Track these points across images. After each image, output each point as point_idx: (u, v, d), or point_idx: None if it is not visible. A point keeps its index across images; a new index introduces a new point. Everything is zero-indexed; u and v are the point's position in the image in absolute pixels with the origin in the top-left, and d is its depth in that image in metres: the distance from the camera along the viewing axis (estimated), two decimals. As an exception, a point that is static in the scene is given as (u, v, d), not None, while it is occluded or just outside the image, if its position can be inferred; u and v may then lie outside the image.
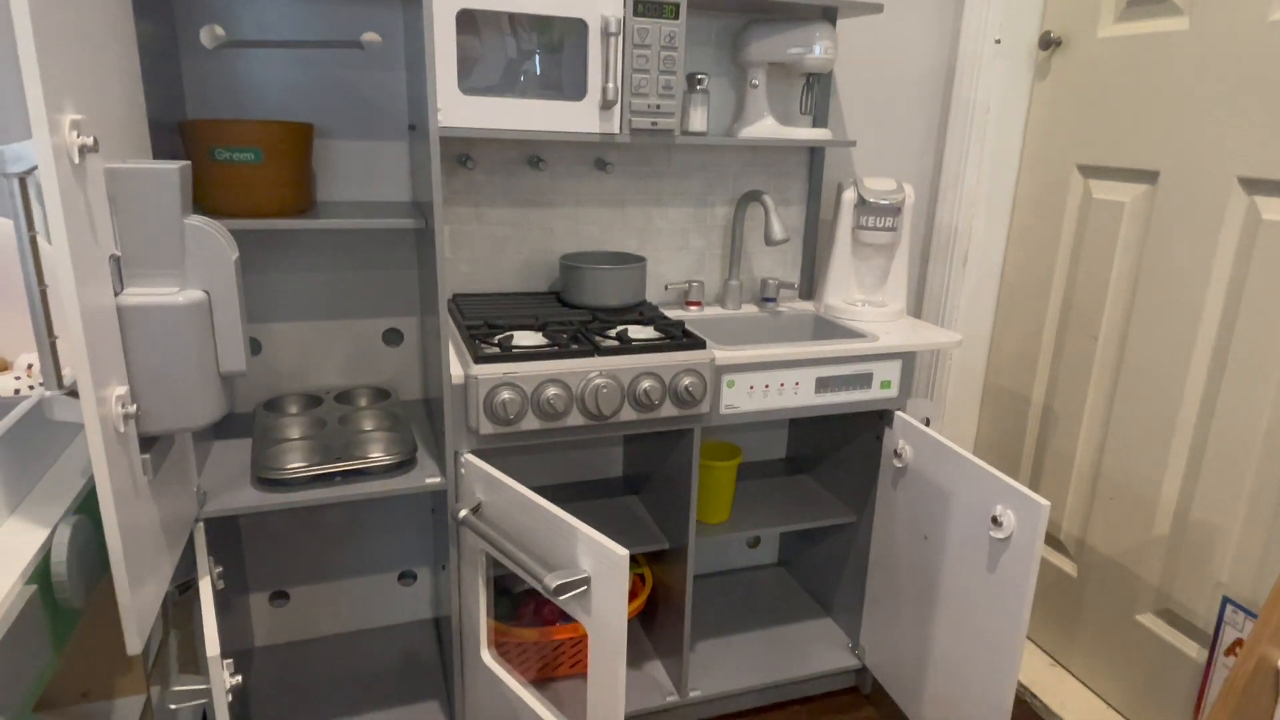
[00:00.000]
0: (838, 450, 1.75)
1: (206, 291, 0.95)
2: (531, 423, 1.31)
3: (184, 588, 1.35)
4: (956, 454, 1.37)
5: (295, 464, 1.29)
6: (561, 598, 1.09)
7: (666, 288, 1.79)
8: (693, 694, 1.60)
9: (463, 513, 1.27)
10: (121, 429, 0.86)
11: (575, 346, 1.33)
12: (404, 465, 1.34)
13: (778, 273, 1.86)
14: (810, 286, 1.87)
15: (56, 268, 0.76)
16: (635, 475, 1.76)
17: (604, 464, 1.83)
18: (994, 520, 1.27)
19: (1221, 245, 1.41)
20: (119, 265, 0.90)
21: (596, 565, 1.08)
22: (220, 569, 1.21)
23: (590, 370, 1.31)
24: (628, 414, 1.36)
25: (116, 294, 0.89)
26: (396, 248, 1.57)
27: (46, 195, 0.73)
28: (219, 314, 0.97)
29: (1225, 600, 1.43)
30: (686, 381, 1.36)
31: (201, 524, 1.19)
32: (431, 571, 1.80)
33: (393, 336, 1.62)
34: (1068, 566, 1.79)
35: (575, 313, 1.54)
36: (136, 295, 0.90)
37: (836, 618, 1.84)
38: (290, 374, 1.58)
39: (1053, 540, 1.82)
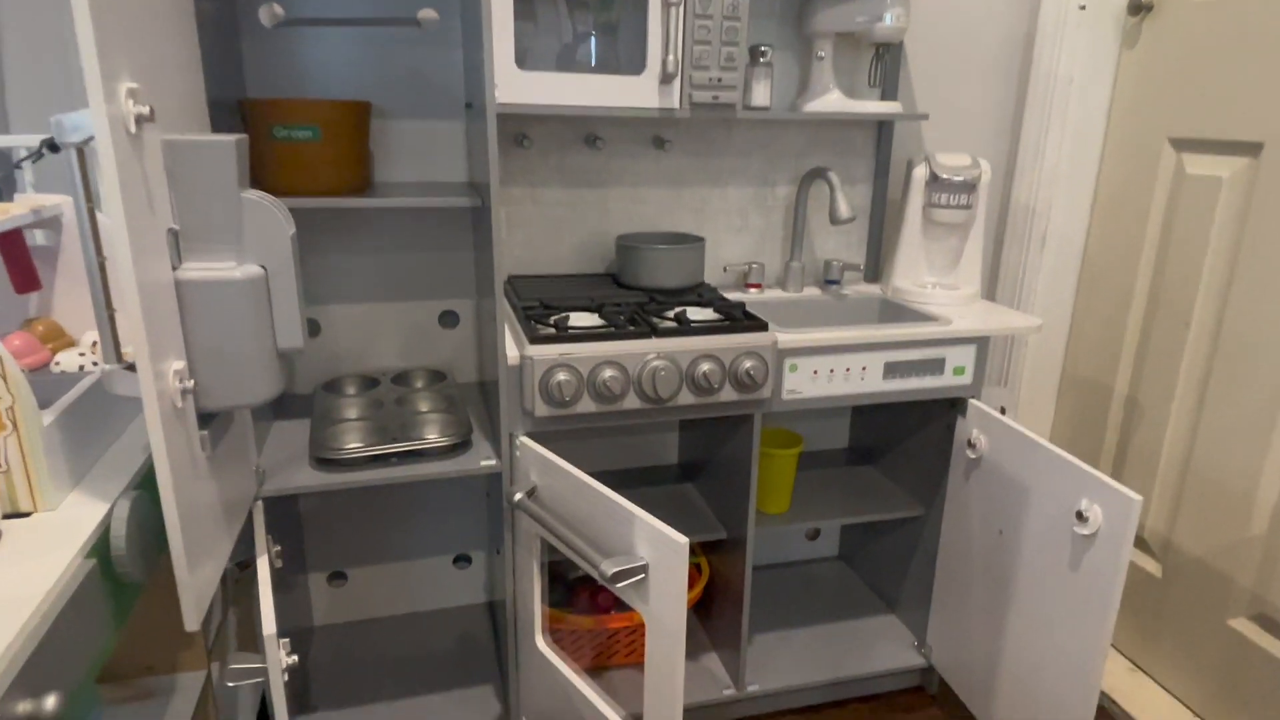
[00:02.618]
0: (904, 440, 1.68)
1: (264, 267, 0.94)
2: (587, 405, 1.27)
3: (245, 565, 1.36)
4: (1039, 444, 1.29)
5: (352, 444, 1.28)
6: (618, 585, 1.06)
7: (725, 269, 1.73)
8: (750, 688, 1.56)
9: (518, 496, 1.24)
10: (179, 404, 0.86)
11: (632, 328, 1.30)
12: (459, 447, 1.32)
13: (841, 254, 1.79)
14: (876, 269, 1.79)
15: (114, 239, 0.75)
16: (692, 462, 1.72)
17: (659, 450, 1.79)
18: (1079, 515, 1.19)
19: (1336, 221, 1.29)
20: (176, 239, 0.89)
21: (655, 553, 1.04)
22: (279, 548, 1.22)
23: (648, 352, 1.27)
24: (686, 398, 1.32)
25: (174, 268, 0.89)
26: (452, 230, 1.56)
27: (103, 164, 0.72)
28: (276, 290, 0.96)
29: (1333, 607, 1.32)
30: (747, 365, 1.31)
31: (260, 503, 1.19)
32: (486, 555, 1.79)
33: (449, 318, 1.61)
34: (1151, 566, 1.68)
35: (632, 294, 1.50)
36: (194, 270, 0.90)
37: (901, 614, 1.77)
38: (349, 355, 1.58)
39: (1135, 538, 1.72)
